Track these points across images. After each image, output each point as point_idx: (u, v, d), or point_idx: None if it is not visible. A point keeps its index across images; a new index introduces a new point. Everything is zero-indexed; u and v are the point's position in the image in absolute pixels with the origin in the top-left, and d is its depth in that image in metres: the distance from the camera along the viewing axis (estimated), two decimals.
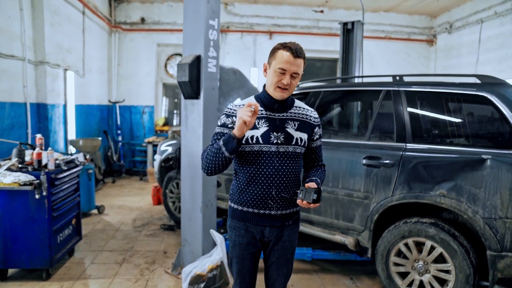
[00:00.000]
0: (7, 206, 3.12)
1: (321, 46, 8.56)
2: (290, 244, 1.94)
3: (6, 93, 4.39)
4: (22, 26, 4.70)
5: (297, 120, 1.84)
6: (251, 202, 1.82)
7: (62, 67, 5.73)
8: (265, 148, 1.77)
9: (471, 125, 2.84)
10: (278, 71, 1.71)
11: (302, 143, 1.83)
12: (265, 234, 1.88)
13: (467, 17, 7.55)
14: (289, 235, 1.91)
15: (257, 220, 1.85)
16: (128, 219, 5.11)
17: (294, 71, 1.70)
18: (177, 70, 3.22)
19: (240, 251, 1.92)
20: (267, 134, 1.78)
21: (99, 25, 7.49)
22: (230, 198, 1.93)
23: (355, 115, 4.39)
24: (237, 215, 1.89)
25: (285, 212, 1.86)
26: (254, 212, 1.84)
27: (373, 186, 3.00)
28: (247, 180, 1.82)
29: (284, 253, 1.93)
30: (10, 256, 3.18)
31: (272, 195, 1.79)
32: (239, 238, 1.91)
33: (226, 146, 1.67)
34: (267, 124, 1.80)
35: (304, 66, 1.76)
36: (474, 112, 2.93)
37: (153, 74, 8.57)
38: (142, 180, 7.98)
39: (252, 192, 1.81)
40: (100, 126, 7.87)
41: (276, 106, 1.82)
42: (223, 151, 1.68)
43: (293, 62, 1.68)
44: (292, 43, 1.72)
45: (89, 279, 3.33)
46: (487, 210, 2.47)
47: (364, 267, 3.65)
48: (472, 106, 2.90)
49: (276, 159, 1.78)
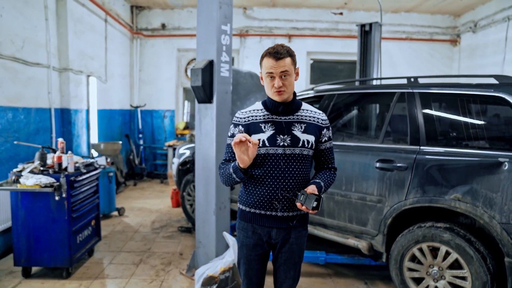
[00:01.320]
0: (30, 207, 3.26)
1: (341, 48, 8.48)
2: (298, 247, 1.94)
3: (32, 99, 4.59)
4: (47, 35, 4.90)
5: (303, 123, 1.86)
6: (257, 204, 1.86)
7: (85, 73, 5.93)
8: (271, 150, 1.81)
9: (488, 127, 2.75)
10: (267, 77, 1.79)
11: (309, 145, 1.85)
12: (272, 235, 1.90)
13: (492, 15, 7.30)
14: (296, 237, 1.92)
15: (264, 221, 1.88)
16: (147, 221, 5.22)
17: (281, 71, 1.74)
18: (190, 75, 3.29)
19: (247, 252, 1.95)
20: (273, 137, 1.82)
21: (121, 32, 7.72)
22: (238, 200, 1.99)
23: (369, 118, 4.34)
24: (244, 216, 1.94)
25: (291, 214, 1.87)
26: (261, 213, 1.87)
27: (387, 189, 2.95)
28: (254, 182, 1.86)
29: (291, 256, 1.93)
30: (34, 255, 3.33)
31: (277, 196, 1.83)
32: (246, 239, 1.94)
33: (235, 174, 1.79)
34: (273, 127, 1.84)
35: (294, 63, 1.80)
36: (491, 113, 2.84)
37: (174, 79, 8.73)
38: (162, 183, 8.14)
39: (259, 194, 1.85)
40: (122, 130, 8.08)
41: (281, 109, 1.86)
42: (234, 177, 1.81)
43: (277, 64, 1.74)
44: (273, 47, 1.77)
45: (106, 278, 3.43)
46: (504, 215, 2.39)
47: (380, 272, 3.59)
48: (489, 107, 2.81)
49: (283, 162, 1.81)
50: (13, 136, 4.18)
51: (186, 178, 5.00)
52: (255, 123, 1.86)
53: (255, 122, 1.86)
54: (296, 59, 1.84)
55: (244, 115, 1.91)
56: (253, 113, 1.90)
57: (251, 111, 1.92)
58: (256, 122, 1.86)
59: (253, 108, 1.93)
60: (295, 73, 1.83)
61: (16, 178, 3.23)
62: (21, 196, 3.25)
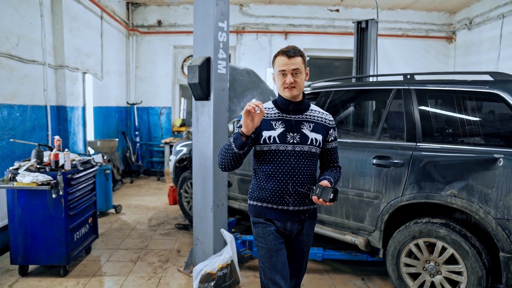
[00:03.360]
0: (27, 205, 3.25)
1: (337, 45, 8.50)
2: (307, 238, 2.05)
3: (28, 97, 4.56)
4: (42, 32, 4.87)
5: (312, 122, 1.97)
6: (270, 198, 1.94)
7: (81, 71, 5.90)
8: (281, 147, 1.91)
9: (483, 123, 2.77)
10: (280, 74, 1.90)
11: (317, 144, 1.95)
12: (287, 227, 1.97)
13: (487, 12, 7.34)
14: (307, 229, 2.02)
15: (277, 216, 1.95)
16: (144, 219, 5.22)
17: (293, 69, 1.85)
18: (187, 72, 3.29)
19: (274, 241, 1.92)
20: (283, 134, 1.91)
21: (117, 28, 7.68)
22: (249, 197, 2.05)
23: (365, 115, 4.35)
24: (258, 211, 1.99)
25: (302, 208, 1.96)
26: (273, 207, 1.95)
27: (383, 186, 2.97)
28: (265, 177, 1.94)
29: (301, 246, 2.03)
30: (30, 253, 3.32)
31: (289, 190, 1.90)
32: (266, 230, 1.95)
33: (235, 142, 1.84)
34: (283, 125, 1.93)
35: (305, 63, 1.91)
36: (486, 110, 2.86)
37: (170, 76, 8.71)
38: (159, 180, 8.13)
39: (270, 189, 1.93)
40: (119, 127, 8.06)
41: (291, 107, 1.95)
42: (232, 148, 1.86)
43: (289, 62, 1.85)
44: (286, 47, 1.90)
45: (104, 276, 3.43)
46: (499, 211, 2.41)
47: (376, 268, 3.62)
48: (484, 104, 2.83)
49: (293, 158, 1.90)
50: (8, 134, 4.16)
51: (183, 175, 5.00)
52: (266, 120, 1.94)
53: (267, 119, 1.94)
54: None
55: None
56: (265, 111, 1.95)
57: None
58: (268, 119, 1.94)
59: (264, 106, 1.98)
60: (305, 73, 1.93)
61: (12, 176, 3.22)
62: (18, 194, 3.24)
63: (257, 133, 1.91)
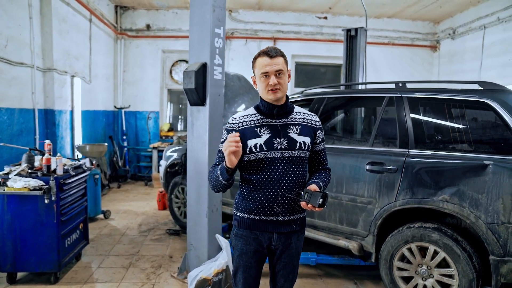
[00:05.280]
0: (17, 210, 3.18)
1: (325, 52, 8.63)
2: (296, 251, 1.96)
3: (16, 100, 4.48)
4: (31, 34, 4.80)
5: (298, 125, 1.87)
6: (258, 209, 1.84)
7: (69, 74, 5.83)
8: (269, 154, 1.80)
9: (473, 131, 2.87)
10: (262, 76, 1.78)
11: (306, 147, 1.85)
12: (273, 241, 1.89)
13: (470, 23, 7.59)
14: (295, 242, 1.93)
15: (265, 227, 1.86)
16: (134, 224, 5.16)
17: (276, 69, 1.76)
18: (183, 78, 3.29)
19: (247, 260, 1.91)
20: (270, 140, 1.81)
21: (105, 32, 7.61)
22: (235, 207, 1.95)
23: (358, 121, 4.44)
24: (244, 223, 1.89)
25: (292, 218, 1.87)
26: (261, 219, 1.85)
27: (377, 191, 3.03)
28: (253, 187, 1.84)
29: (291, 260, 1.95)
30: (19, 260, 3.24)
31: (278, 200, 1.81)
32: (246, 247, 1.90)
33: (222, 176, 1.78)
34: (269, 131, 1.83)
35: (287, 64, 1.83)
36: (476, 118, 2.96)
37: (158, 80, 8.66)
38: (147, 185, 8.05)
39: (258, 199, 1.83)
40: (106, 132, 7.95)
41: (275, 111, 1.84)
42: (221, 180, 1.79)
43: (271, 62, 1.75)
44: (266, 47, 1.81)
45: (96, 282, 3.38)
46: (489, 215, 2.50)
47: (368, 272, 3.68)
48: (474, 112, 2.93)
49: (281, 165, 1.80)
50: None
51: (174, 181, 4.97)
52: (249, 128, 1.84)
53: (250, 127, 1.84)
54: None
55: (237, 121, 1.88)
56: (246, 118, 1.87)
57: (243, 116, 1.89)
58: (251, 127, 1.84)
59: (245, 113, 1.90)
60: (288, 74, 1.84)
61: (2, 181, 3.15)
62: (8, 199, 3.16)
63: (242, 144, 1.77)
